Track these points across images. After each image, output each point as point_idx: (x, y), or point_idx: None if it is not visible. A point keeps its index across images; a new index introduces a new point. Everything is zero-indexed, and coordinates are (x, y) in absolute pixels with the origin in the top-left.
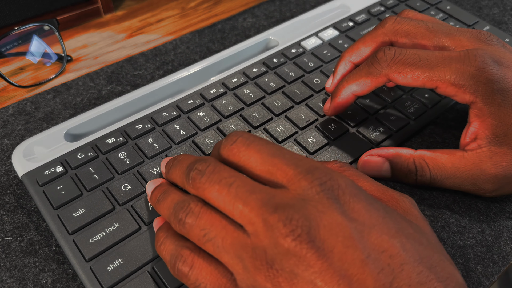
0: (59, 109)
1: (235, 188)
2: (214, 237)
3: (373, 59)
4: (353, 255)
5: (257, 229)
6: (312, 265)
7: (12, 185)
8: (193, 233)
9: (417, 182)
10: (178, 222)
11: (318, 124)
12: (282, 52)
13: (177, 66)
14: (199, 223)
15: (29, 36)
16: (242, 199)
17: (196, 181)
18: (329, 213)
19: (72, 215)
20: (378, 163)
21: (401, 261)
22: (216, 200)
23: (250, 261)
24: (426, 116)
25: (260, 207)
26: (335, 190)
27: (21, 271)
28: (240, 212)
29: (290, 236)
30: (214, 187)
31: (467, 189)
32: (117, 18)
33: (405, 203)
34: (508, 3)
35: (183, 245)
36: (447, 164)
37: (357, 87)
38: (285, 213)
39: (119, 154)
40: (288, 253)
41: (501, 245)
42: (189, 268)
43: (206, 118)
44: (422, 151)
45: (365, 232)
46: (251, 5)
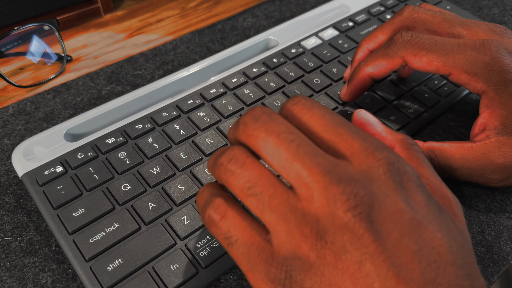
0: (59, 109)
1: (296, 146)
2: (260, 192)
3: (390, 41)
4: (407, 245)
5: (314, 196)
6: (367, 245)
7: (12, 185)
8: (236, 182)
9: None
10: (219, 168)
11: None
12: (282, 52)
13: (177, 66)
14: (243, 172)
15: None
16: (303, 160)
17: (249, 126)
18: (392, 197)
19: (72, 215)
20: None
21: (447, 261)
22: (269, 154)
23: (298, 225)
24: (426, 116)
25: (323, 174)
26: (401, 174)
27: (21, 271)
28: (297, 173)
29: (351, 211)
30: (271, 138)
31: (476, 180)
32: (117, 18)
33: (456, 206)
34: (508, 3)
35: (218, 193)
36: (456, 155)
37: (373, 69)
38: (350, 187)
39: (119, 154)
40: (345, 228)
41: (501, 245)
42: (220, 217)
43: (206, 118)
44: (431, 143)
45: (422, 225)
46: (251, 5)
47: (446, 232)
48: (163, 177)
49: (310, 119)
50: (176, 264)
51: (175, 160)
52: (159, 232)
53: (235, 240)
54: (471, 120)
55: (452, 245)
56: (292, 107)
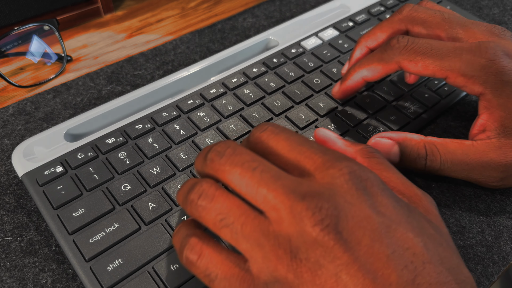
0: (59, 109)
1: (260, 172)
2: (232, 222)
3: (386, 45)
4: (379, 250)
5: (282, 216)
6: (339, 257)
7: (12, 185)
8: (208, 217)
9: (426, 168)
10: (190, 204)
11: (318, 124)
12: (282, 52)
13: (177, 66)
14: (215, 206)
15: (29, 36)
16: (267, 184)
17: (215, 162)
18: (357, 205)
19: (72, 215)
20: (388, 145)
21: (424, 260)
22: (236, 184)
23: (272, 249)
24: (426, 116)
25: (287, 194)
26: (364, 181)
27: (21, 271)
28: (264, 198)
29: (319, 225)
30: (235, 169)
31: (475, 178)
32: (117, 18)
33: (427, 202)
34: (508, 3)
35: (192, 233)
36: (457, 151)
37: (368, 72)
38: (314, 201)
39: (119, 154)
40: (315, 243)
41: (501, 245)
42: (197, 257)
43: (206, 118)
44: (432, 138)
45: (391, 227)
46: (251, 5)
47: (419, 231)
48: (163, 177)
49: (277, 143)
50: (176, 264)
51: (175, 160)
52: (159, 232)
53: (215, 276)
54: (471, 120)
55: (427, 243)
56: (260, 134)
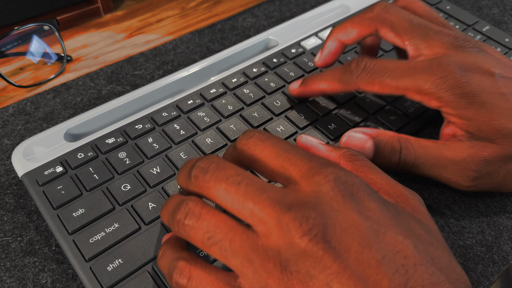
0: (59, 109)
1: (244, 186)
2: (220, 240)
3: (345, 68)
4: (369, 256)
5: (270, 229)
6: (329, 266)
7: (12, 185)
8: (196, 236)
9: (400, 163)
10: (177, 225)
11: (317, 124)
12: (282, 52)
13: (177, 66)
14: (201, 224)
15: (29, 36)
16: (253, 197)
17: (199, 179)
18: (344, 212)
19: (72, 215)
20: (362, 140)
21: (415, 262)
22: (222, 199)
23: (262, 263)
24: (426, 116)
25: (273, 206)
26: (350, 186)
27: (21, 271)
28: (251, 211)
29: (306, 235)
30: (220, 185)
31: (448, 178)
32: (117, 18)
33: (414, 200)
34: (508, 3)
35: (179, 257)
36: (431, 146)
37: (327, 87)
38: (300, 212)
39: (119, 154)
40: (305, 254)
41: (501, 245)
42: (187, 280)
43: (206, 118)
44: (406, 135)
45: (380, 232)
46: (251, 5)
47: (408, 233)
48: (163, 177)
49: (263, 150)
50: None
51: (175, 160)
52: (159, 232)
53: None
54: None
55: (417, 244)
56: (247, 141)
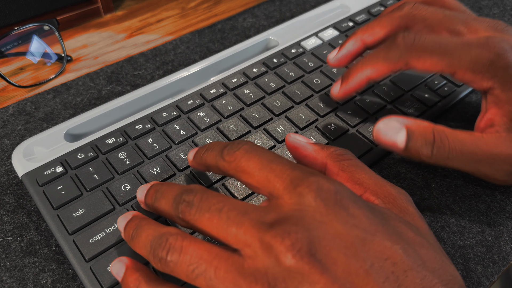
0: (59, 109)
1: (226, 212)
2: (204, 270)
3: (391, 44)
4: (357, 266)
5: (255, 250)
6: (317, 281)
7: (12, 185)
8: (180, 270)
9: (433, 156)
10: (160, 262)
11: (318, 124)
12: (282, 52)
13: (177, 66)
14: (184, 258)
15: (29, 36)
16: (235, 222)
17: (186, 214)
18: (328, 222)
19: (72, 215)
20: (396, 127)
21: (405, 268)
22: (208, 229)
23: (249, 286)
24: (426, 116)
25: (254, 226)
26: (333, 194)
27: (21, 271)
28: (235, 236)
29: (290, 251)
30: (204, 216)
31: (483, 172)
32: (117, 18)
33: (402, 200)
34: (508, 3)
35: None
36: (467, 140)
37: (372, 72)
38: (282, 228)
39: (119, 154)
40: (291, 271)
41: (501, 245)
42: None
43: (206, 118)
44: (442, 126)
45: (367, 239)
46: (251, 5)
47: (397, 237)
48: (163, 177)
49: (248, 161)
50: None
51: (175, 160)
52: None
53: None
54: (470, 120)
55: (407, 248)
56: (234, 153)
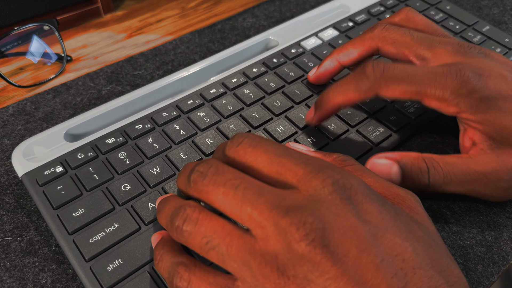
0: (59, 109)
1: (242, 190)
2: (217, 244)
3: (361, 74)
4: (367, 260)
5: (268, 233)
6: (327, 271)
7: (12, 185)
8: (194, 241)
9: (430, 184)
10: (175, 230)
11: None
12: (282, 52)
13: (177, 66)
14: (199, 230)
15: (29, 36)
16: (251, 201)
17: (198, 183)
18: (343, 215)
19: (72, 215)
20: (387, 165)
21: (414, 265)
22: (221, 204)
23: (259, 267)
24: (426, 116)
25: (271, 210)
26: (348, 189)
27: (21, 271)
28: (249, 216)
29: (304, 240)
30: (218, 189)
31: (480, 192)
32: (117, 18)
33: (411, 201)
34: (508, 3)
35: (178, 262)
36: (457, 162)
37: (343, 100)
38: (298, 216)
39: (119, 154)
40: (302, 259)
41: (501, 245)
42: (187, 284)
43: (206, 118)
44: (429, 154)
45: (378, 235)
46: (251, 5)
47: (407, 234)
48: (163, 177)
49: (255, 157)
50: None
51: (175, 160)
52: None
53: None
54: None
55: (416, 246)
56: (237, 149)
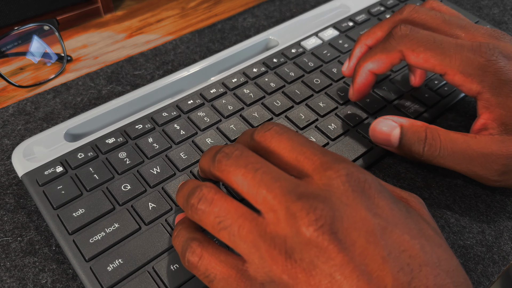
0: (59, 109)
1: (261, 174)
2: (229, 225)
3: (388, 35)
4: (374, 251)
5: (279, 217)
6: (333, 257)
7: (12, 185)
8: (207, 220)
9: (424, 153)
10: (190, 209)
11: (318, 124)
12: (282, 52)
13: (177, 66)
14: (213, 210)
15: (29, 36)
16: (267, 185)
17: (222, 163)
18: (353, 206)
19: (72, 215)
20: (390, 127)
21: (420, 262)
22: (239, 184)
23: (268, 250)
24: (426, 116)
25: (284, 194)
26: (361, 182)
27: (21, 271)
28: (263, 198)
29: (313, 225)
30: (239, 170)
31: (475, 171)
32: (117, 18)
33: (415, 203)
34: (508, 3)
35: (193, 237)
36: (459, 139)
37: (373, 65)
38: (309, 202)
39: (119, 154)
40: (310, 243)
41: (501, 245)
42: (198, 259)
43: (206, 118)
44: (436, 126)
45: (387, 229)
46: (251, 5)
47: (417, 233)
48: (163, 177)
49: (279, 143)
50: (176, 264)
51: (175, 160)
52: (159, 232)
53: (214, 276)
54: (471, 120)
55: (425, 245)
56: (265, 133)
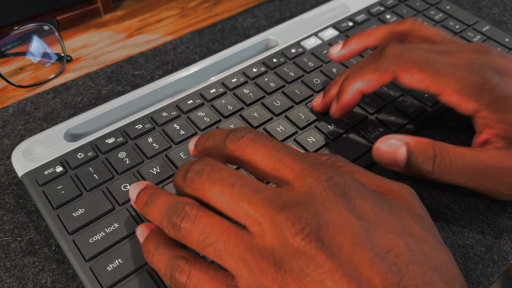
0: (59, 109)
1: (239, 187)
2: (215, 241)
3: (380, 54)
4: (361, 254)
5: (264, 229)
6: (322, 264)
7: (12, 185)
8: (191, 238)
9: (434, 171)
10: (173, 228)
11: (317, 124)
12: (282, 52)
13: (177, 66)
14: (197, 227)
15: (29, 36)
16: (247, 198)
17: (195, 182)
18: (336, 210)
19: (72, 215)
20: (395, 146)
21: (407, 261)
22: (217, 201)
23: (256, 263)
24: (426, 116)
25: (267, 206)
26: (341, 186)
27: (21, 271)
28: (245, 212)
29: (299, 234)
30: (215, 187)
31: (487, 186)
32: (117, 18)
33: (406, 194)
34: (508, 3)
35: (177, 255)
36: (468, 154)
37: (362, 84)
38: (293, 211)
39: (119, 154)
40: (298, 253)
41: (501, 245)
42: (186, 278)
43: (206, 118)
44: (443, 142)
45: (371, 230)
46: (251, 5)
47: (400, 230)
48: (163, 177)
49: (255, 151)
50: None
51: (175, 160)
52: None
53: None
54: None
55: (410, 243)
56: (238, 142)
